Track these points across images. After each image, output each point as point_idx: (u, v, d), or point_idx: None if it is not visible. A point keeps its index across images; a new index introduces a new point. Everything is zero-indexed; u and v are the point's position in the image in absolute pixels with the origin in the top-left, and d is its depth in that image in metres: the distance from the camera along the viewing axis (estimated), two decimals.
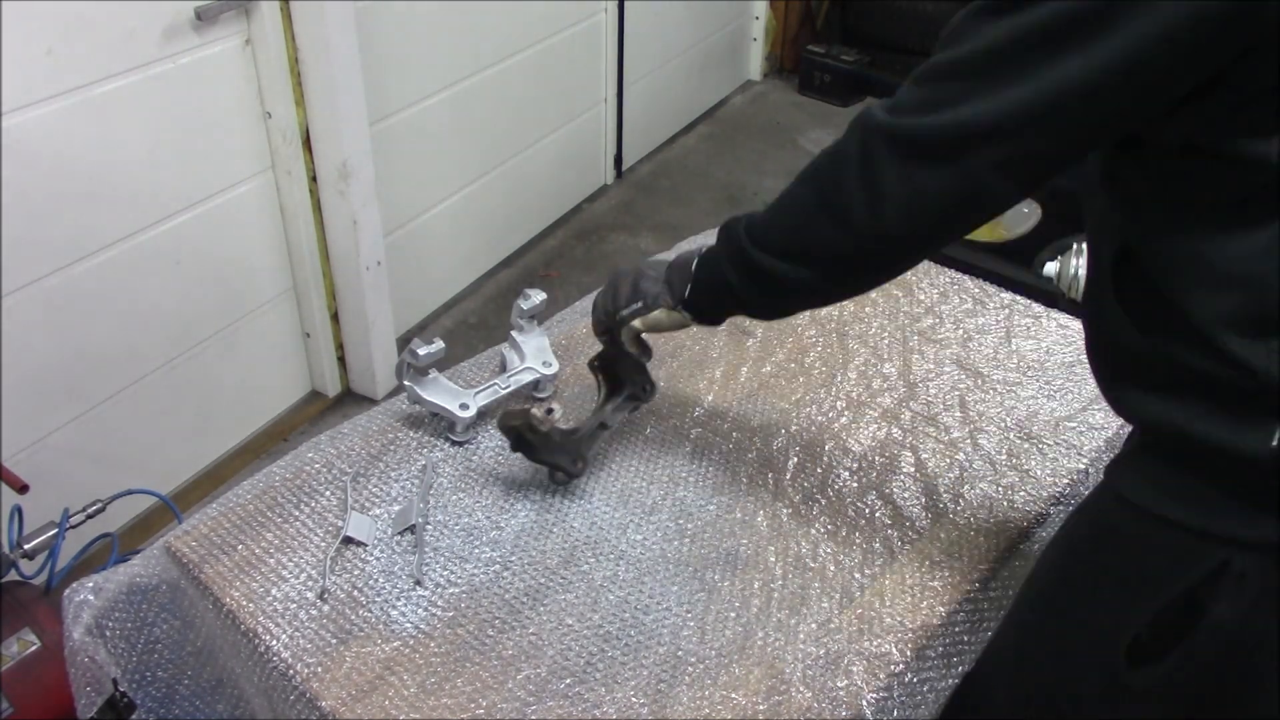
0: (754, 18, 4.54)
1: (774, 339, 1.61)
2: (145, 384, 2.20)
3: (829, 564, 1.22)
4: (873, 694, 1.07)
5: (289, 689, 1.07)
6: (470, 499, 1.30)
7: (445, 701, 1.05)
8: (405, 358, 1.33)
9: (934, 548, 1.25)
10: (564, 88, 3.37)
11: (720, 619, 1.15)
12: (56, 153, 1.88)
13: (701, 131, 4.25)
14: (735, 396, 1.49)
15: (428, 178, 2.85)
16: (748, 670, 1.09)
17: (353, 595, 1.16)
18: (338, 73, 2.26)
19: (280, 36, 2.20)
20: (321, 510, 1.27)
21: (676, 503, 1.30)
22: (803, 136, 4.25)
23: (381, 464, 1.34)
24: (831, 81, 4.48)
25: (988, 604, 1.21)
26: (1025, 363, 1.58)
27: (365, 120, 2.40)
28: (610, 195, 3.76)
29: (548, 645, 1.11)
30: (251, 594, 1.15)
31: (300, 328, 2.60)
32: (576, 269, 3.33)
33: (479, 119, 2.97)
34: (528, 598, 1.17)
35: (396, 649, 1.10)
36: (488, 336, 2.90)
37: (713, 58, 4.28)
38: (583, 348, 1.57)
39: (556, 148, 3.40)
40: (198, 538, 1.22)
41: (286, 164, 2.35)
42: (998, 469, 1.38)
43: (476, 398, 1.38)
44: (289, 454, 1.36)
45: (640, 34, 3.60)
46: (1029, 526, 1.29)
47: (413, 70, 2.65)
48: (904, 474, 1.36)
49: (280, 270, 2.48)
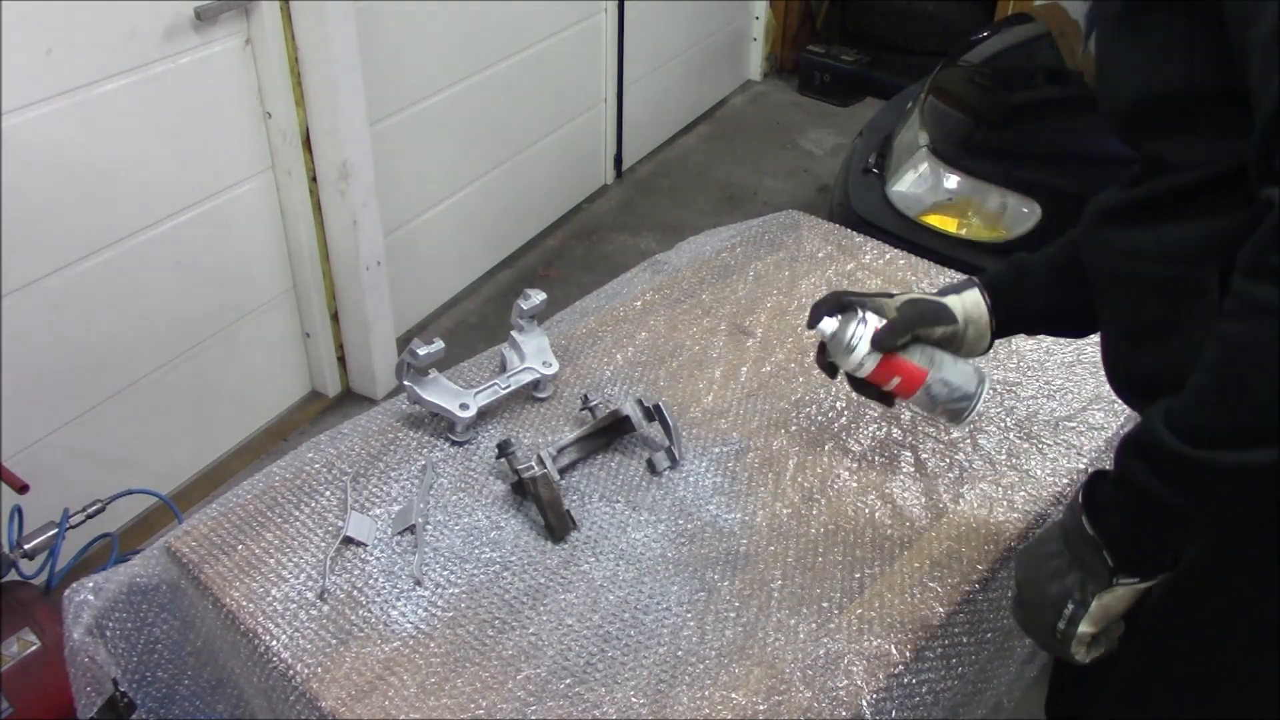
0: (754, 18, 4.54)
1: (774, 339, 1.61)
2: (145, 384, 2.20)
3: (829, 564, 1.22)
4: (873, 694, 1.07)
5: (289, 689, 1.07)
6: (470, 499, 1.30)
7: (445, 702, 1.05)
8: (405, 358, 1.34)
9: (934, 548, 1.25)
10: (564, 87, 3.37)
11: (720, 619, 1.15)
12: (56, 153, 1.88)
13: (701, 131, 4.25)
14: (735, 396, 1.49)
15: (428, 178, 2.85)
16: (748, 670, 1.09)
17: (353, 595, 1.16)
18: (338, 73, 2.26)
19: (280, 36, 2.20)
20: (321, 510, 1.27)
21: (676, 503, 1.30)
22: (803, 136, 4.25)
23: (381, 464, 1.34)
24: (831, 81, 4.48)
25: (987, 604, 1.21)
26: (1025, 363, 1.58)
27: (365, 120, 2.40)
28: (610, 195, 3.76)
29: (548, 645, 1.11)
30: (251, 594, 1.15)
31: (300, 328, 2.60)
32: (576, 269, 3.33)
33: (479, 119, 2.97)
34: (528, 598, 1.17)
35: (396, 649, 1.10)
36: (488, 336, 2.90)
37: (713, 58, 4.28)
38: (583, 347, 1.58)
39: (556, 148, 3.40)
40: (198, 538, 1.22)
41: (286, 164, 2.35)
42: (998, 469, 1.38)
43: (476, 398, 1.38)
44: (289, 454, 1.36)
45: (640, 34, 3.61)
46: (1029, 526, 1.29)
47: (413, 70, 2.65)
48: (904, 474, 1.36)
49: (280, 270, 2.48)
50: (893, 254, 1.84)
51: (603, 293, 1.74)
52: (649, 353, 1.57)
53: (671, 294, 1.71)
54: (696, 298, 1.70)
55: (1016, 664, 1.38)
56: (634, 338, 1.60)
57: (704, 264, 1.79)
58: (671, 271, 1.77)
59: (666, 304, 1.68)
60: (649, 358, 1.56)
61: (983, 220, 2.48)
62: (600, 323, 1.63)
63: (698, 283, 1.74)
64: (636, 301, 1.68)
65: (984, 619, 1.20)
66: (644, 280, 1.76)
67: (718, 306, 1.68)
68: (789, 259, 1.81)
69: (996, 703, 1.35)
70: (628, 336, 1.60)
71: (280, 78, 2.24)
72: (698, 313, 1.67)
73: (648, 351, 1.57)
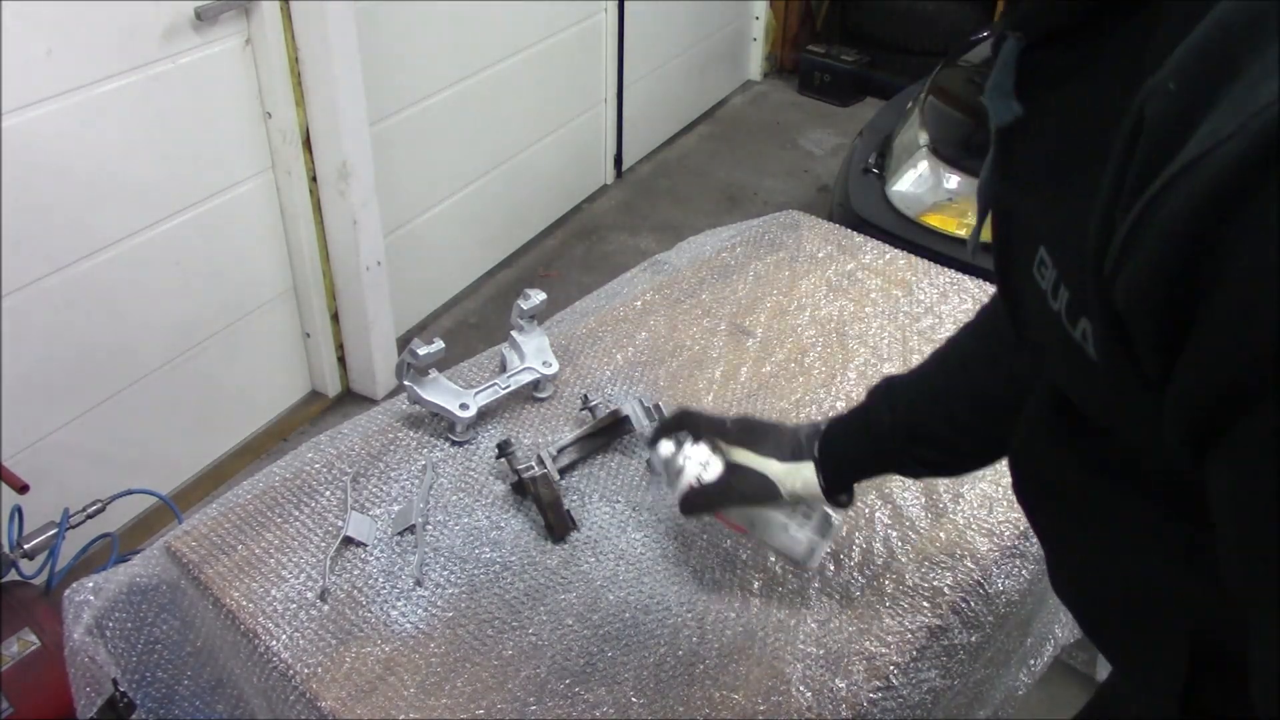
0: (754, 18, 4.54)
1: (774, 339, 1.61)
2: (145, 384, 2.20)
3: (829, 564, 1.22)
4: (872, 694, 1.07)
5: (289, 689, 1.07)
6: (470, 499, 1.30)
7: (445, 702, 1.05)
8: (405, 358, 1.33)
9: (934, 548, 1.25)
10: (564, 88, 3.37)
11: (720, 619, 1.15)
12: (56, 153, 1.88)
13: (701, 131, 4.25)
14: (735, 396, 1.49)
15: (428, 178, 2.85)
16: (748, 670, 1.09)
17: (353, 595, 1.16)
18: (338, 73, 2.26)
19: (280, 36, 2.20)
20: (321, 510, 1.27)
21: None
22: (803, 136, 4.25)
23: (381, 464, 1.34)
24: (831, 81, 4.48)
25: (987, 605, 1.21)
26: None
27: (365, 120, 2.40)
28: (610, 195, 3.76)
29: (547, 645, 1.11)
30: (251, 594, 1.15)
31: (300, 328, 2.60)
32: (576, 269, 3.33)
33: (479, 119, 2.97)
34: (528, 598, 1.17)
35: (396, 649, 1.10)
36: (488, 336, 2.90)
37: (713, 58, 4.28)
38: (583, 347, 1.58)
39: (556, 148, 3.40)
40: (198, 538, 1.22)
41: (286, 164, 2.35)
42: (998, 469, 1.37)
43: (476, 398, 1.38)
44: (289, 454, 1.36)
45: (640, 34, 3.61)
46: (1029, 527, 1.29)
47: (413, 70, 2.65)
48: None
49: (280, 270, 2.48)
50: (893, 254, 1.84)
51: (603, 293, 1.74)
52: (649, 353, 1.57)
53: (671, 294, 1.71)
54: (696, 298, 1.70)
55: (1018, 665, 1.38)
56: (634, 338, 1.60)
57: (704, 264, 1.79)
58: (671, 271, 1.77)
59: (666, 304, 1.68)
60: (649, 358, 1.56)
61: None
62: (600, 323, 1.63)
63: (698, 283, 1.74)
64: (636, 301, 1.68)
65: (984, 619, 1.20)
66: (644, 280, 1.76)
67: (718, 306, 1.68)
68: (789, 259, 1.81)
69: (998, 704, 1.35)
70: (628, 336, 1.60)
71: (280, 78, 2.24)
72: (698, 313, 1.67)
73: (648, 351, 1.57)
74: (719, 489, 1.08)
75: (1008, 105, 0.64)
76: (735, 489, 1.07)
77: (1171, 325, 0.48)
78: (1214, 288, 0.45)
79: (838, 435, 1.05)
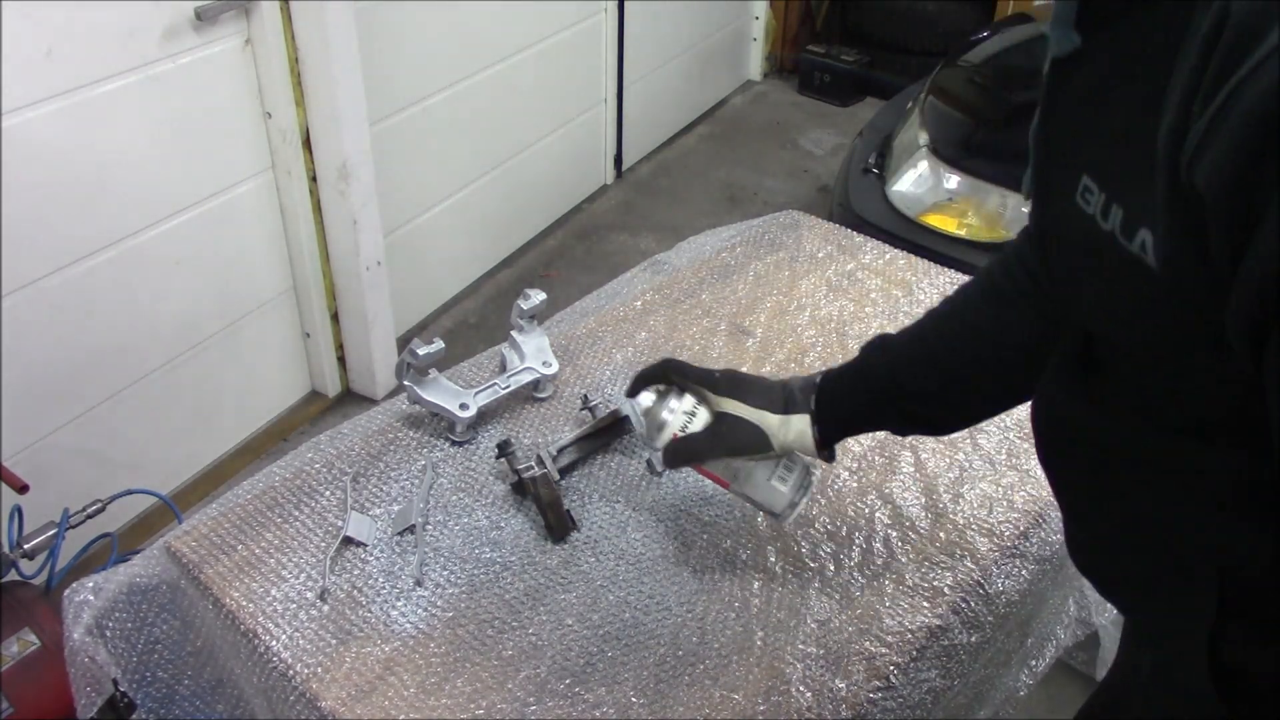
0: (754, 18, 4.54)
1: (774, 339, 1.61)
2: (145, 384, 2.20)
3: (829, 564, 1.22)
4: (872, 694, 1.07)
5: (289, 689, 1.07)
6: (470, 499, 1.30)
7: (445, 702, 1.05)
8: (405, 358, 1.33)
9: (934, 548, 1.25)
10: (564, 88, 3.37)
11: (720, 619, 1.15)
12: (56, 153, 1.88)
13: (701, 131, 4.25)
14: None
15: (428, 178, 2.85)
16: (748, 670, 1.09)
17: (353, 595, 1.16)
18: (338, 73, 2.26)
19: (280, 36, 2.20)
20: (321, 510, 1.27)
21: (676, 502, 1.30)
22: (803, 136, 4.25)
23: (381, 464, 1.34)
24: (831, 81, 4.48)
25: (987, 605, 1.21)
26: None
27: (365, 120, 2.40)
28: (610, 195, 3.76)
29: (547, 645, 1.11)
30: (251, 594, 1.15)
31: (300, 328, 2.60)
32: (576, 269, 3.33)
33: (479, 119, 2.97)
34: (528, 598, 1.17)
35: (396, 649, 1.10)
36: (488, 336, 2.90)
37: (713, 58, 4.28)
38: (583, 347, 1.57)
39: (556, 148, 3.41)
40: (198, 538, 1.22)
41: (286, 164, 2.35)
42: (997, 469, 1.38)
43: (476, 398, 1.38)
44: (289, 454, 1.36)
45: (640, 34, 3.61)
46: (1029, 527, 1.29)
47: (413, 70, 2.65)
48: (904, 474, 1.36)
49: (280, 270, 2.48)
50: (893, 254, 1.84)
51: (603, 293, 1.74)
52: (649, 353, 1.57)
53: (671, 294, 1.71)
54: (696, 298, 1.70)
55: (1018, 665, 1.38)
56: (634, 338, 1.60)
57: (704, 264, 1.79)
58: (671, 271, 1.77)
59: (666, 304, 1.68)
60: (649, 358, 1.56)
61: (982, 220, 2.48)
62: (600, 323, 1.63)
63: (698, 283, 1.74)
64: (636, 301, 1.68)
65: (983, 619, 1.20)
66: (644, 280, 1.76)
67: (718, 306, 1.68)
68: (789, 259, 1.81)
69: (998, 704, 1.35)
70: (628, 336, 1.60)
71: (280, 78, 2.24)
72: (698, 313, 1.67)
73: (648, 351, 1.57)
74: (708, 438, 1.08)
75: (1068, 35, 0.66)
76: (725, 439, 1.07)
77: (1250, 205, 0.50)
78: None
79: (834, 389, 1.07)
